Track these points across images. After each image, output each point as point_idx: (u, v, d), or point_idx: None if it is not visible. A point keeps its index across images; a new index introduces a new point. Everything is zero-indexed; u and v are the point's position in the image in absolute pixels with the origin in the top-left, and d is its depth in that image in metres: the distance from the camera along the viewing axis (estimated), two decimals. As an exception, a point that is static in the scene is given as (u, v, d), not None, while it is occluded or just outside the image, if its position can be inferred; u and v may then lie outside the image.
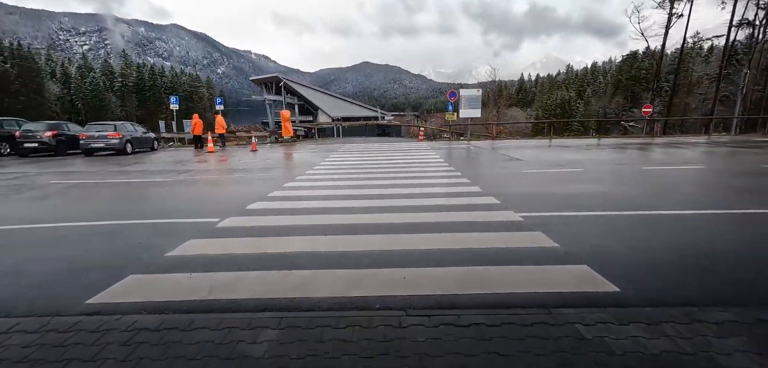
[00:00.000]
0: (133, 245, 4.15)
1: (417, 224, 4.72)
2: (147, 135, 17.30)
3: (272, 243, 4.12)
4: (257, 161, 12.63)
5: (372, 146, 17.81)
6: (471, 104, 20.00)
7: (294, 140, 21.56)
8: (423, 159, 12.11)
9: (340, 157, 13.29)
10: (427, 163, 11.12)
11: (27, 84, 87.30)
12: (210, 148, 16.00)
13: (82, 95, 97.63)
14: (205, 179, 8.96)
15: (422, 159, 12.10)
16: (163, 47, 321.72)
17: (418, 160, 11.90)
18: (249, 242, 4.16)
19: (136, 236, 4.47)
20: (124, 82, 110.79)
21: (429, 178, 8.37)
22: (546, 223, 4.66)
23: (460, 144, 18.38)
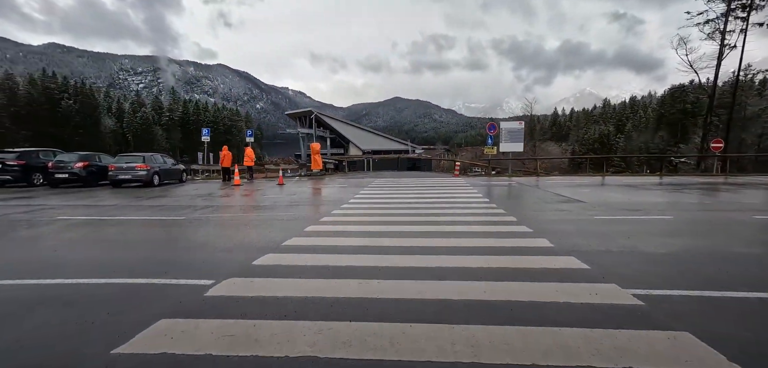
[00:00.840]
0: (84, 324, 2.93)
1: (478, 301, 3.22)
2: (176, 167, 16.94)
3: (270, 332, 2.76)
4: (282, 196, 11.60)
5: (404, 180, 16.49)
6: (512, 137, 18.39)
7: (323, 173, 20.68)
8: (464, 198, 10.59)
9: (371, 193, 12.03)
10: (469, 202, 9.59)
11: (86, 118, 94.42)
12: (236, 181, 15.30)
13: (132, 128, 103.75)
14: (220, 219, 7.88)
15: (463, 198, 10.58)
16: (208, 85, 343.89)
17: (459, 198, 10.40)
18: (240, 329, 2.82)
19: (98, 307, 3.26)
20: (171, 117, 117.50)
21: (478, 225, 6.84)
22: (684, 314, 3.01)
23: (500, 180, 16.70)
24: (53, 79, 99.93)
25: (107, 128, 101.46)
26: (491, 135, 18.60)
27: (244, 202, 10.64)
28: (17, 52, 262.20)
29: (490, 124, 18.67)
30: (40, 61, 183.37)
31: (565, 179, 17.31)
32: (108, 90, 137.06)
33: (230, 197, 11.64)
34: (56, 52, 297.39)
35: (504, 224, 6.84)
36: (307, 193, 12.35)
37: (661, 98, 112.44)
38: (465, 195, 11.24)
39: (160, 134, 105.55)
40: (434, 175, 21.28)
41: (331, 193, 12.28)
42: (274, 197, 11.53)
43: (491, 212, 8.25)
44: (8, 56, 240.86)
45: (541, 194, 11.45)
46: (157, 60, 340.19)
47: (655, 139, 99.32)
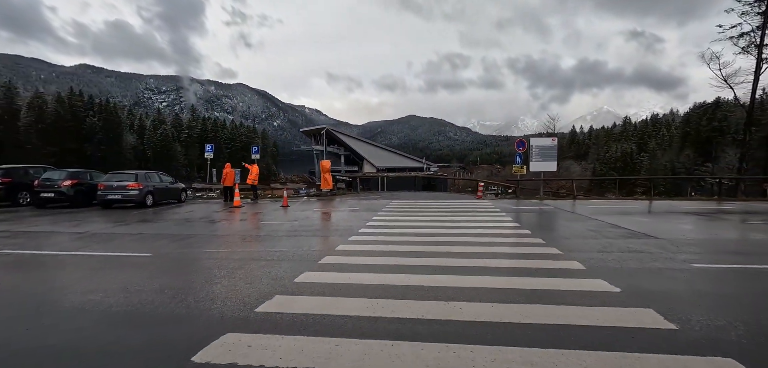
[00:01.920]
0: None
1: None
2: (174, 186, 15.54)
3: None
4: (284, 222, 9.89)
5: (423, 203, 14.61)
6: (544, 155, 16.39)
7: (334, 193, 18.97)
8: (497, 226, 8.67)
9: (385, 219, 10.22)
10: (506, 233, 7.67)
11: (109, 135, 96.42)
12: (236, 202, 13.75)
13: (153, 144, 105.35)
14: (196, 257, 6.19)
15: (496, 226, 8.66)
16: (228, 103, 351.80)
17: (491, 227, 8.48)
18: None
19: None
20: (190, 134, 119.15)
21: (530, 274, 4.92)
22: None
23: (530, 203, 14.64)
24: (79, 97, 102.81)
25: (128, 144, 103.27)
26: (520, 153, 16.61)
27: (237, 230, 8.96)
28: (51, 72, 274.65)
29: (519, 141, 16.71)
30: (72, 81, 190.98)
31: (603, 203, 15.10)
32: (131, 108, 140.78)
33: (223, 223, 10.00)
34: (87, 72, 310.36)
35: (567, 274, 4.91)
36: (314, 219, 10.61)
37: (686, 116, 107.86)
38: (497, 222, 9.31)
39: (178, 151, 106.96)
40: (454, 196, 19.32)
41: (340, 219, 10.52)
42: (275, 223, 9.83)
43: (539, 249, 6.31)
44: (42, 77, 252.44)
45: (591, 223, 9.40)
46: (181, 80, 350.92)
47: (680, 158, 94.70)
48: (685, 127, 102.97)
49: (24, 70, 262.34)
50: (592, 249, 6.43)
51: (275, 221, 10.21)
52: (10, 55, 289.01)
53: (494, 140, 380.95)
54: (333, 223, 9.77)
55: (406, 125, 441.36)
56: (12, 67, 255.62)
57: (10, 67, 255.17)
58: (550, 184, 25.67)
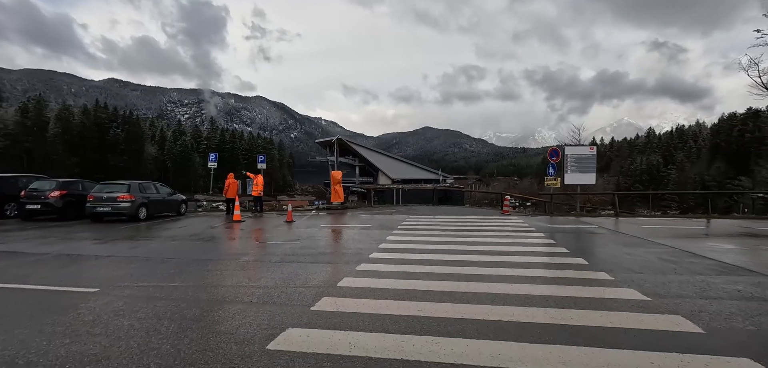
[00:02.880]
0: None
1: None
2: (172, 198, 14.31)
3: None
4: (283, 242, 8.38)
5: (442, 219, 12.87)
6: (581, 166, 14.45)
7: (345, 206, 17.41)
8: (540, 253, 6.92)
9: (401, 239, 8.58)
10: (555, 264, 5.92)
11: (131, 146, 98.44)
12: (236, 215, 12.35)
13: (173, 155, 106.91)
14: (151, 296, 4.68)
15: (539, 253, 6.92)
16: (247, 116, 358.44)
17: (533, 253, 6.74)
18: None
19: None
20: (208, 145, 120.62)
21: (629, 342, 3.18)
22: None
23: (566, 221, 12.71)
24: (104, 109, 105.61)
25: (149, 155, 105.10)
26: (554, 163, 14.70)
27: (224, 252, 7.48)
28: (81, 86, 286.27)
29: (551, 150, 14.82)
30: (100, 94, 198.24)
31: (651, 222, 13.00)
32: (153, 120, 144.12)
33: (212, 243, 8.54)
34: (114, 86, 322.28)
35: (674, 339, 3.15)
36: (318, 238, 9.03)
37: (715, 127, 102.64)
38: (537, 247, 7.55)
39: (197, 161, 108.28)
40: (476, 212, 17.47)
41: (349, 239, 8.91)
42: (272, 243, 8.31)
43: (611, 290, 4.55)
44: (73, 90, 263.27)
45: (658, 249, 7.50)
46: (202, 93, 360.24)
47: (711, 170, 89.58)
48: (715, 138, 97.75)
49: (57, 84, 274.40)
50: (686, 293, 4.61)
51: (274, 240, 8.69)
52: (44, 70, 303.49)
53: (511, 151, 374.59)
54: (340, 244, 8.16)
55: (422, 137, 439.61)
56: (46, 82, 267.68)
57: (44, 81, 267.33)
58: (573, 198, 23.42)
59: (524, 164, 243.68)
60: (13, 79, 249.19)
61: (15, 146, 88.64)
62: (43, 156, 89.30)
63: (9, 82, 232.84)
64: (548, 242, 8.29)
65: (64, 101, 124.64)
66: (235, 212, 12.32)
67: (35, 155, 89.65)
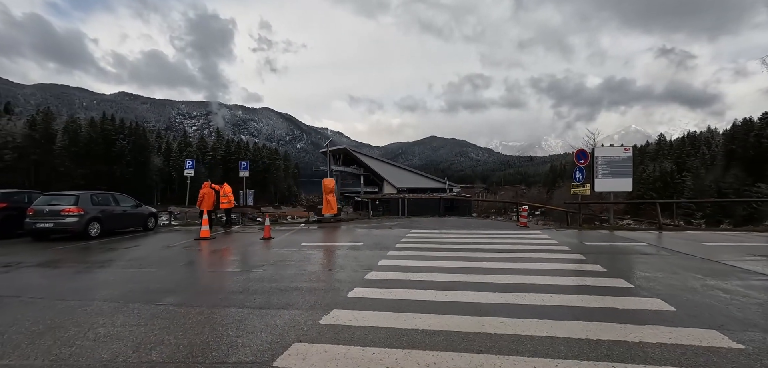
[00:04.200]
0: None
1: None
2: (136, 211, 12.36)
3: None
4: (244, 270, 6.48)
5: (449, 234, 10.70)
6: (614, 169, 12.22)
7: (339, 218, 15.27)
8: (594, 291, 4.85)
9: (397, 264, 6.63)
10: (627, 312, 3.84)
11: (137, 157, 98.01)
12: (204, 232, 10.31)
13: (178, 166, 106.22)
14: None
15: (591, 290, 4.84)
16: (254, 127, 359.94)
17: (590, 294, 4.68)
18: None
19: None
20: (214, 156, 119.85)
21: None
22: None
23: (599, 236, 10.43)
24: (111, 121, 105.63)
25: (155, 166, 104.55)
26: (581, 167, 12.44)
27: (153, 285, 5.57)
28: (92, 100, 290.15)
29: (579, 151, 12.58)
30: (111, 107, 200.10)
31: (703, 237, 10.67)
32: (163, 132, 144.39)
33: (152, 271, 6.55)
34: (125, 99, 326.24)
35: None
36: (291, 262, 6.95)
37: (730, 132, 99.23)
38: (587, 280, 5.47)
39: (202, 172, 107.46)
40: (489, 225, 15.22)
41: (330, 263, 6.86)
42: (230, 269, 6.34)
43: None
44: (84, 104, 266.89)
45: (756, 281, 5.29)
46: (210, 105, 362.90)
47: (726, 177, 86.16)
48: (730, 144, 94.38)
49: (69, 98, 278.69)
50: None
51: (232, 267, 6.64)
52: (57, 85, 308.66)
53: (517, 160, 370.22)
54: (314, 274, 6.05)
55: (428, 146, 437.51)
56: (58, 96, 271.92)
57: (57, 95, 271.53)
58: (588, 206, 21.00)
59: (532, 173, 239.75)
60: (27, 94, 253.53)
61: (23, 159, 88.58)
62: (50, 168, 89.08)
63: (23, 97, 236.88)
64: (594, 269, 6.10)
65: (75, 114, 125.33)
66: (203, 227, 10.26)
67: (42, 168, 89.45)
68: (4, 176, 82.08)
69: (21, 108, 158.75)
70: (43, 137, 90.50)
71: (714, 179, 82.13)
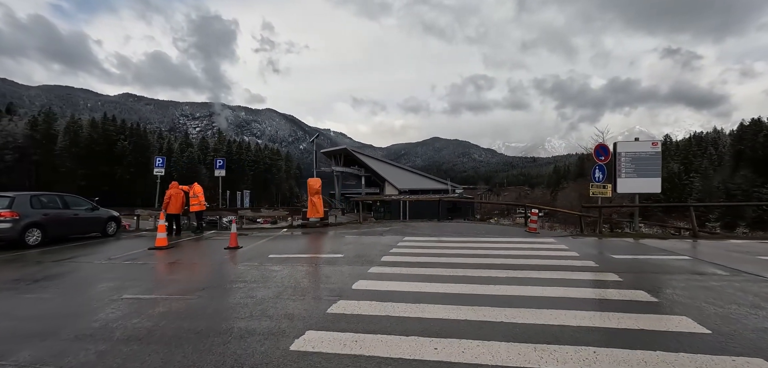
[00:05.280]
0: None
1: None
2: (93, 215, 10.86)
3: None
4: (181, 298, 4.87)
5: (448, 243, 9.10)
6: (640, 167, 10.52)
7: (325, 222, 13.65)
8: (663, 340, 3.33)
9: (376, 288, 5.14)
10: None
11: (138, 158, 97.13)
12: (160, 240, 8.76)
13: (179, 167, 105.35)
14: None
15: (656, 338, 3.36)
16: (257, 128, 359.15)
17: (646, 342, 3.19)
18: None
19: None
20: (215, 156, 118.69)
21: None
22: None
23: (625, 245, 8.78)
24: (112, 122, 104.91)
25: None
26: (602, 165, 10.77)
27: (35, 322, 3.95)
28: (97, 101, 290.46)
29: (599, 146, 10.87)
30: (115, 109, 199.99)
31: (748, 246, 9.01)
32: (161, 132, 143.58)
33: (53, 301, 4.95)
34: (129, 100, 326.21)
35: None
36: (247, 282, 5.39)
37: (738, 133, 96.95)
38: (635, 319, 3.88)
39: (203, 173, 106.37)
40: (492, 230, 13.54)
41: (291, 286, 5.34)
42: (158, 297, 4.79)
43: None
44: (89, 105, 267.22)
45: None
46: (213, 106, 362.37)
47: (735, 178, 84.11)
48: (738, 145, 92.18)
49: (73, 99, 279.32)
50: None
51: (161, 292, 5.09)
52: (62, 86, 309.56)
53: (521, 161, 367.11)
54: (263, 303, 4.49)
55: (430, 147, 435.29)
56: (63, 97, 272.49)
57: (62, 97, 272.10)
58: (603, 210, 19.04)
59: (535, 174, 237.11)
60: (32, 95, 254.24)
61: (24, 160, 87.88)
62: (51, 169, 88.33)
63: (28, 98, 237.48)
64: (640, 299, 4.47)
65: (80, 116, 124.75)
66: (159, 235, 8.70)
67: (43, 168, 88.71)
68: (5, 176, 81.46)
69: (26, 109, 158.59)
70: (45, 138, 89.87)
71: (722, 180, 79.95)
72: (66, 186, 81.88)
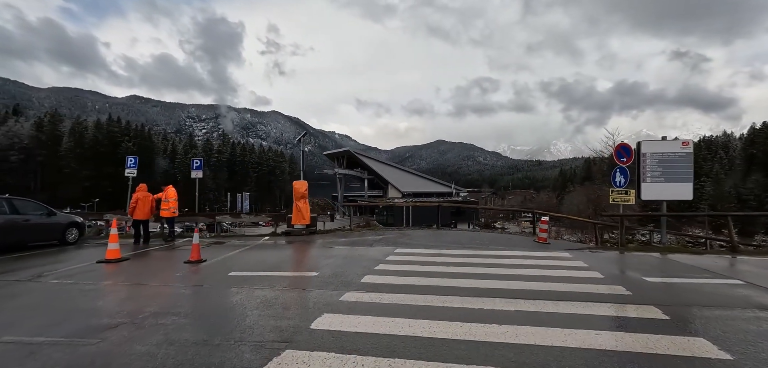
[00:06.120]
0: None
1: None
2: (48, 221, 9.70)
3: None
4: (98, 338, 3.64)
5: (448, 257, 7.78)
6: (668, 170, 9.12)
7: (312, 230, 12.36)
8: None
9: (345, 331, 3.80)
10: None
11: (142, 159, 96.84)
12: (111, 252, 7.54)
13: (182, 168, 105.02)
14: None
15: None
16: (262, 130, 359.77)
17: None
18: None
19: None
20: (219, 158, 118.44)
21: None
22: None
23: (652, 262, 7.42)
24: (117, 123, 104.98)
25: (160, 168, 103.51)
26: (624, 167, 9.36)
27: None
28: (104, 103, 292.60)
29: (619, 146, 9.41)
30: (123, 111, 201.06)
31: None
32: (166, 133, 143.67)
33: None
34: (136, 102, 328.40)
35: None
36: (180, 315, 4.13)
37: (749, 136, 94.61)
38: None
39: (207, 175, 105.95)
40: (497, 240, 12.20)
41: (242, 320, 3.98)
42: (44, 349, 3.62)
43: None
44: (97, 107, 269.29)
45: None
46: (219, 108, 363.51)
47: (747, 183, 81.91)
48: (749, 148, 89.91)
49: (82, 101, 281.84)
50: None
51: (66, 332, 3.87)
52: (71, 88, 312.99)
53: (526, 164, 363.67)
54: (192, 346, 3.25)
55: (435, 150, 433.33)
56: (72, 99, 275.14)
57: (70, 98, 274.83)
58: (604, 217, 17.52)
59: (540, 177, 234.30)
60: (42, 97, 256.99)
61: (29, 160, 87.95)
62: (56, 170, 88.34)
63: (37, 100, 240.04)
64: (708, 354, 3.15)
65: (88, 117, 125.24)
66: (110, 246, 7.49)
67: (48, 169, 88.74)
68: (10, 177, 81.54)
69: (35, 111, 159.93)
70: (50, 139, 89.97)
71: (734, 185, 77.74)
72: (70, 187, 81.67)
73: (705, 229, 38.69)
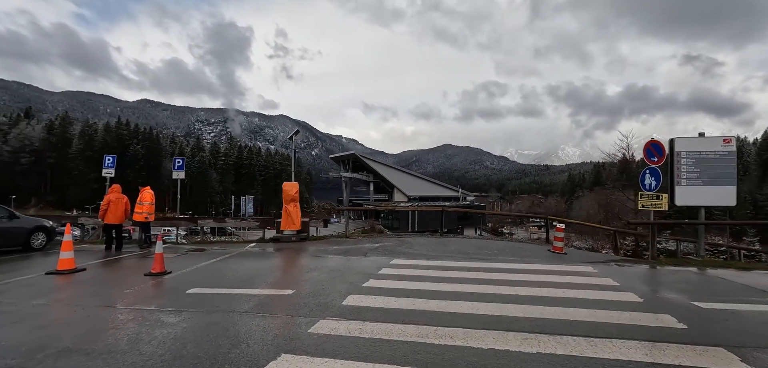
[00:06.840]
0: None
1: None
2: (9, 226, 8.82)
3: None
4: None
5: (451, 272, 6.61)
6: (705, 172, 7.87)
7: (303, 237, 11.30)
8: None
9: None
10: None
11: (150, 162, 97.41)
12: (64, 261, 6.56)
13: (190, 171, 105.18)
14: None
15: None
16: (270, 133, 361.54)
17: None
18: None
19: None
20: (226, 161, 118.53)
21: None
22: None
23: (690, 281, 6.23)
24: (126, 126, 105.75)
25: (167, 170, 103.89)
26: (655, 168, 8.12)
27: None
28: (116, 107, 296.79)
29: (649, 144, 8.17)
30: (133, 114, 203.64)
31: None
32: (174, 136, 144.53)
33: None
34: (146, 106, 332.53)
35: None
36: (104, 351, 3.10)
37: (764, 141, 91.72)
38: None
39: (214, 177, 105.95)
40: (506, 248, 10.97)
41: (179, 355, 2.94)
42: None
43: None
44: (108, 111, 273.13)
45: None
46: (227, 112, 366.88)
47: (763, 188, 79.42)
48: (765, 154, 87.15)
49: (94, 105, 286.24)
50: None
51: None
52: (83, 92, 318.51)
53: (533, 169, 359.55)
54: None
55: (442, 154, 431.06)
56: (84, 103, 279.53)
57: (83, 102, 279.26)
58: (643, 227, 16.14)
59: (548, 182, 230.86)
60: (55, 101, 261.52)
61: (40, 162, 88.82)
62: (65, 172, 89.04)
63: (51, 104, 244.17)
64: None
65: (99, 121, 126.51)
66: (63, 254, 6.53)
67: (57, 171, 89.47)
68: (21, 179, 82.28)
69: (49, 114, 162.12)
70: (60, 141, 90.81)
71: (749, 191, 75.13)
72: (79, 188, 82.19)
73: (725, 237, 36.76)
